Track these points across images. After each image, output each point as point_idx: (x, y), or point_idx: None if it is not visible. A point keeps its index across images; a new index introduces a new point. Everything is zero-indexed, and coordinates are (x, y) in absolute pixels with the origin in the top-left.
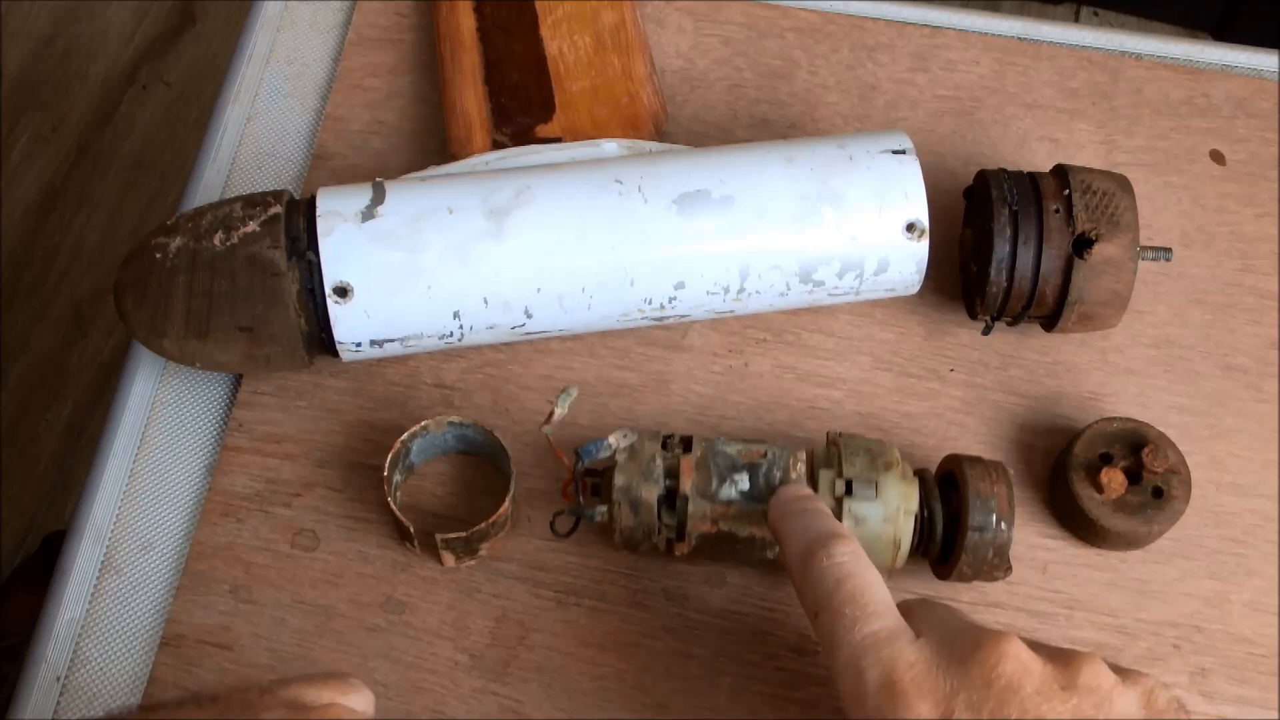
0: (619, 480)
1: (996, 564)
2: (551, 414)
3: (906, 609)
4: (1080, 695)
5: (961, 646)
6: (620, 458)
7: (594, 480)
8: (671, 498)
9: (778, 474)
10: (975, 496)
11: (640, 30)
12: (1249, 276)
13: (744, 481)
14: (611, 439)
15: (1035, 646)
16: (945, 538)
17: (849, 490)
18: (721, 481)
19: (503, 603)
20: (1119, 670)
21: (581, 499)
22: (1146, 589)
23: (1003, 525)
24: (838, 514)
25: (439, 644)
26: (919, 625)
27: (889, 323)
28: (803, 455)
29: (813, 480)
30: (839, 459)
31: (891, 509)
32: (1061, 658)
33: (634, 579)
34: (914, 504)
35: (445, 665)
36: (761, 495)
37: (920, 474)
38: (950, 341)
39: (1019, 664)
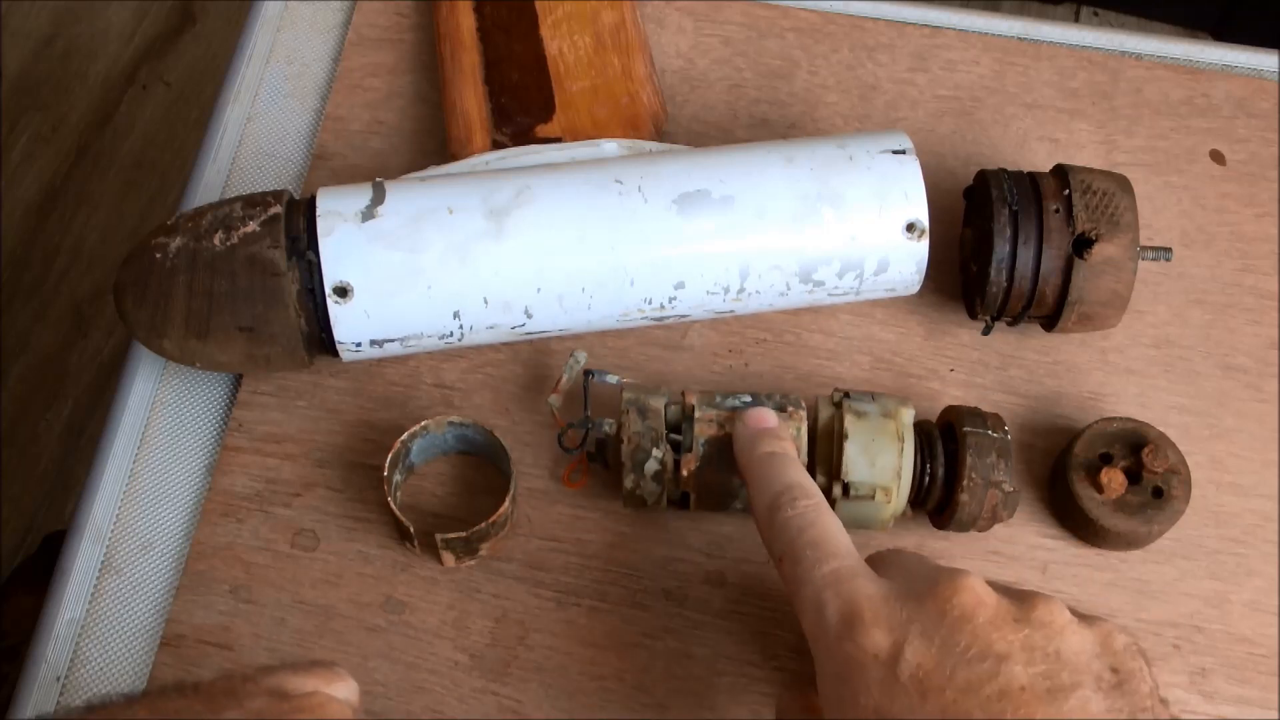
0: (628, 395)
1: (1001, 477)
2: (559, 381)
3: (877, 559)
4: (1033, 627)
5: (921, 583)
6: (626, 388)
7: (597, 437)
8: (677, 431)
9: (778, 395)
10: (969, 414)
11: (640, 30)
12: (1249, 276)
13: (747, 397)
14: (621, 375)
15: (995, 586)
16: (946, 483)
17: (846, 395)
18: (726, 398)
19: (503, 603)
20: (1079, 614)
21: (589, 412)
22: (1146, 589)
23: (999, 432)
24: (840, 415)
25: (439, 644)
26: (885, 570)
27: (889, 323)
28: (802, 400)
29: (813, 417)
30: (834, 392)
31: (889, 408)
32: (1019, 595)
33: (634, 579)
34: (910, 408)
35: (445, 665)
36: (763, 405)
37: (920, 425)
38: (950, 341)
39: (974, 596)
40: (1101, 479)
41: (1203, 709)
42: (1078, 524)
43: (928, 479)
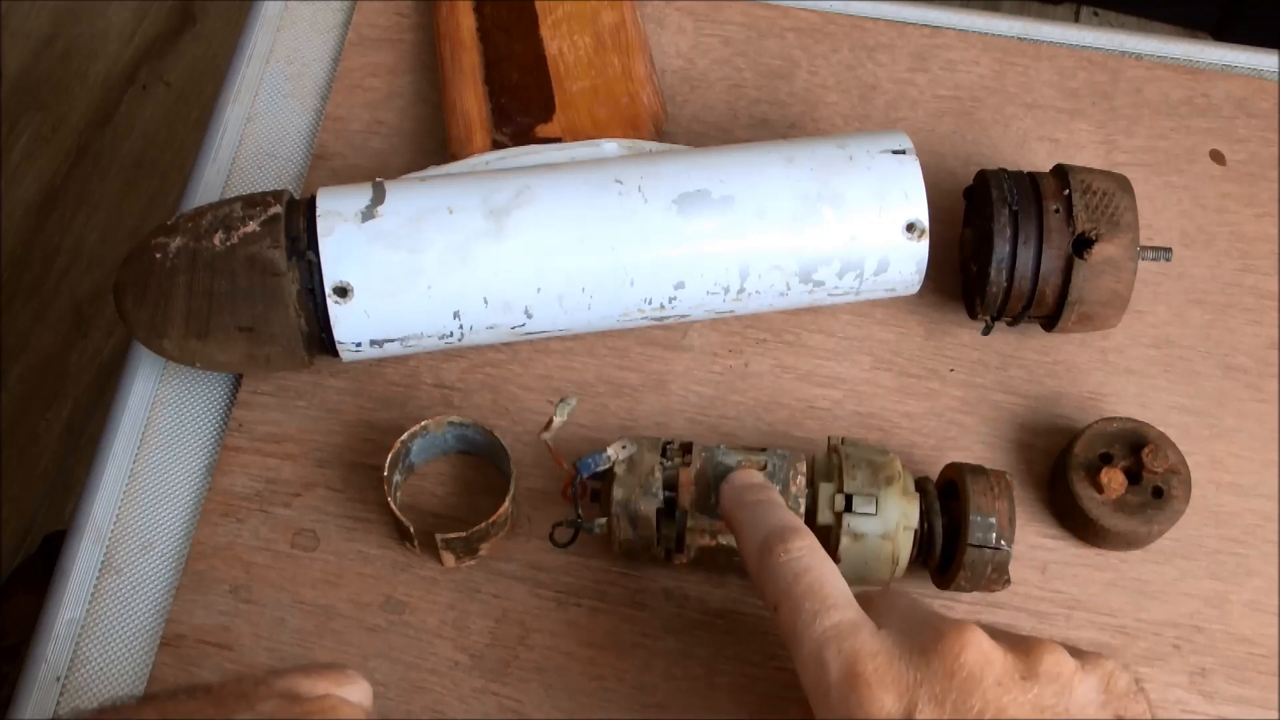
0: (618, 494)
1: (995, 579)
2: (550, 421)
3: (868, 600)
4: (1041, 684)
5: (924, 637)
6: (619, 469)
7: (594, 485)
8: (671, 509)
9: (778, 486)
10: (976, 513)
11: (640, 30)
12: (1249, 276)
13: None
14: (610, 451)
15: (996, 635)
16: (945, 548)
17: (849, 506)
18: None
19: (503, 603)
20: (1078, 654)
21: (580, 510)
22: (1146, 589)
23: (1003, 543)
24: (836, 530)
25: (439, 644)
26: (880, 616)
27: (889, 323)
28: (803, 467)
29: (812, 491)
30: (839, 472)
31: (891, 525)
32: (1022, 646)
33: (634, 579)
34: (914, 520)
35: (445, 665)
36: None
37: (921, 484)
38: (950, 341)
39: (981, 653)
40: (1101, 479)
41: (1203, 709)
42: (1078, 524)
43: (922, 562)
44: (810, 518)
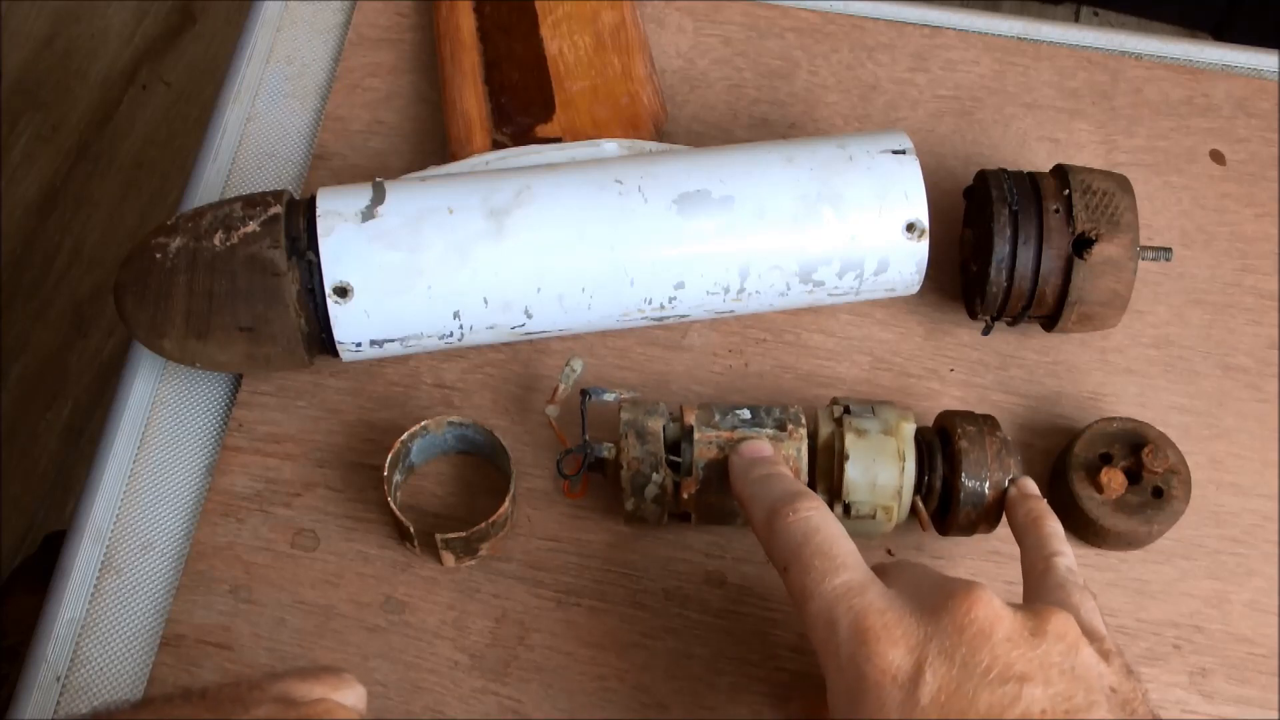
0: (626, 415)
1: (1004, 459)
2: (556, 390)
3: (881, 569)
4: (1049, 642)
5: (934, 595)
6: (625, 405)
7: (597, 457)
8: (675, 449)
9: (777, 411)
10: (963, 421)
11: (640, 30)
12: (1249, 276)
13: (746, 413)
14: (617, 390)
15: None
16: (944, 494)
17: (847, 410)
18: (725, 415)
19: (503, 603)
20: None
21: (586, 436)
22: (1146, 589)
23: (994, 436)
24: (839, 433)
25: (439, 644)
26: (891, 581)
27: (889, 323)
28: (800, 409)
29: (813, 427)
30: (833, 402)
31: (890, 424)
32: (1030, 608)
33: (634, 579)
34: (911, 421)
35: (445, 665)
36: (763, 423)
37: (917, 433)
38: (950, 341)
39: (990, 610)
40: (1101, 479)
41: (1203, 709)
42: (1078, 524)
43: (925, 489)
44: (812, 435)
